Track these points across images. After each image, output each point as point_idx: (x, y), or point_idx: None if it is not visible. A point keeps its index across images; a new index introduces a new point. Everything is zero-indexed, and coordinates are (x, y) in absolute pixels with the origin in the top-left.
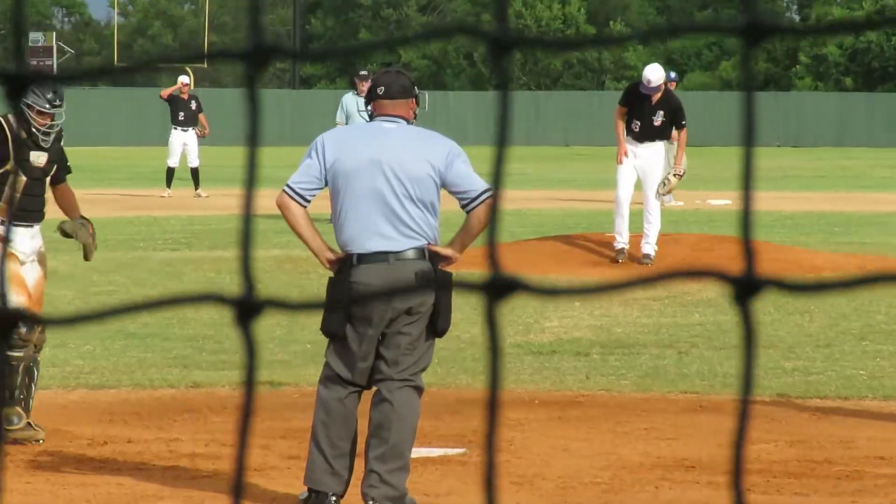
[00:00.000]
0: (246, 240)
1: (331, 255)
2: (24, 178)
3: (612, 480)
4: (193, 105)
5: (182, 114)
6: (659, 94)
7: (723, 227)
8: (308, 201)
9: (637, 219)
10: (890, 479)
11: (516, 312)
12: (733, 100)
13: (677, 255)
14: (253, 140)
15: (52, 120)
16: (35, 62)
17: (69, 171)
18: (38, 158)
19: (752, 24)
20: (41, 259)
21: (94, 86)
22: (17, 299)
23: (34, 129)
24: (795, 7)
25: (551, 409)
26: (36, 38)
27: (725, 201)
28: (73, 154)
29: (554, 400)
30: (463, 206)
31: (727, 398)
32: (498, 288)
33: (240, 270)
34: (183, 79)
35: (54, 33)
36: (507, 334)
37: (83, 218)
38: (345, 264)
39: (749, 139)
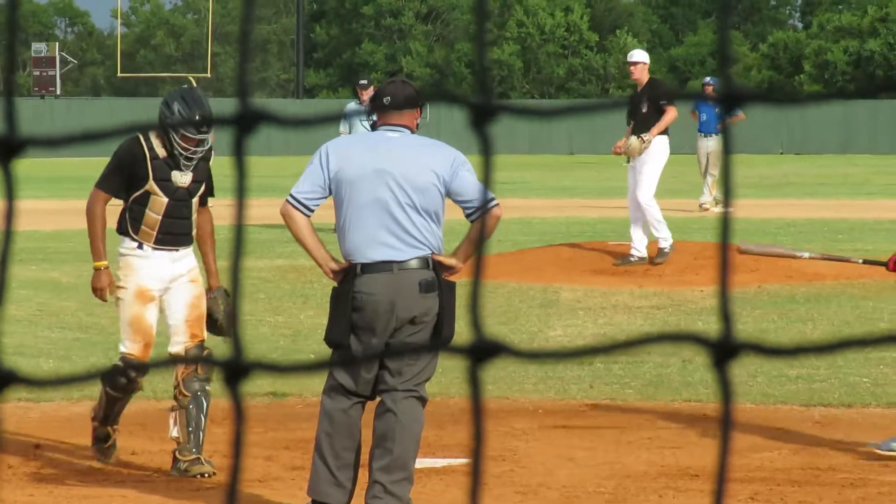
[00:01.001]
0: (234, 302)
1: (334, 266)
2: (164, 200)
3: (616, 489)
4: None
5: None
6: (644, 83)
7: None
8: (311, 211)
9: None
10: (894, 486)
11: (520, 321)
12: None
13: (680, 262)
14: (240, 209)
15: (198, 146)
16: (38, 73)
17: (212, 193)
18: (182, 178)
19: (729, 93)
20: (194, 278)
21: (97, 96)
22: (130, 346)
23: (177, 151)
24: (798, 14)
25: (555, 418)
26: (39, 48)
27: (728, 209)
28: (73, 165)
29: (558, 409)
30: (467, 216)
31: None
32: (481, 352)
33: (230, 340)
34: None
35: (57, 43)
36: (511, 343)
37: (217, 291)
38: (348, 274)
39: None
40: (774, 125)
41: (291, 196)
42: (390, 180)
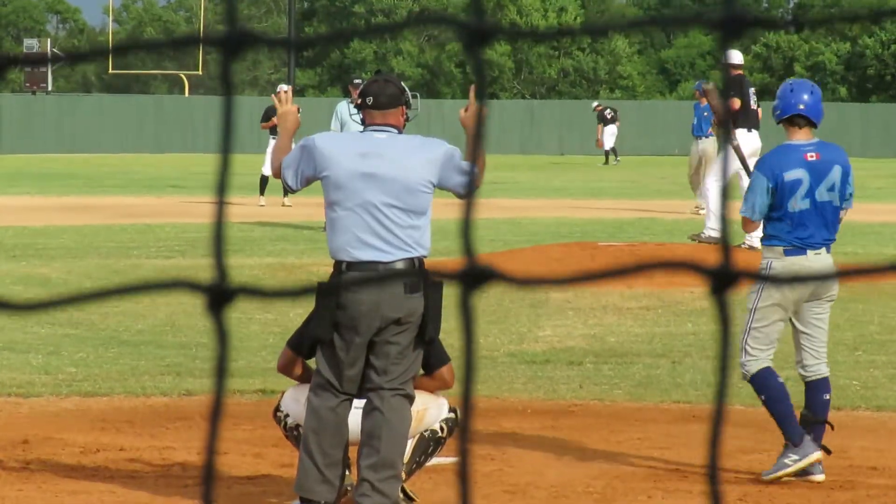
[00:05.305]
0: (219, 224)
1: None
2: None
3: (605, 489)
4: None
5: None
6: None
7: None
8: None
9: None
10: (883, 489)
11: (509, 321)
12: None
13: None
14: (228, 107)
15: None
16: (29, 69)
17: None
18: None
19: (730, 18)
20: None
21: (87, 92)
22: None
23: None
24: (790, 17)
25: (544, 418)
26: (30, 44)
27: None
28: (61, 161)
29: (547, 409)
30: (460, 191)
31: None
32: (473, 277)
33: (212, 257)
34: (283, 87)
35: (49, 39)
36: (500, 343)
37: None
38: (334, 272)
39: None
40: (765, 128)
41: (283, 172)
42: (376, 182)
